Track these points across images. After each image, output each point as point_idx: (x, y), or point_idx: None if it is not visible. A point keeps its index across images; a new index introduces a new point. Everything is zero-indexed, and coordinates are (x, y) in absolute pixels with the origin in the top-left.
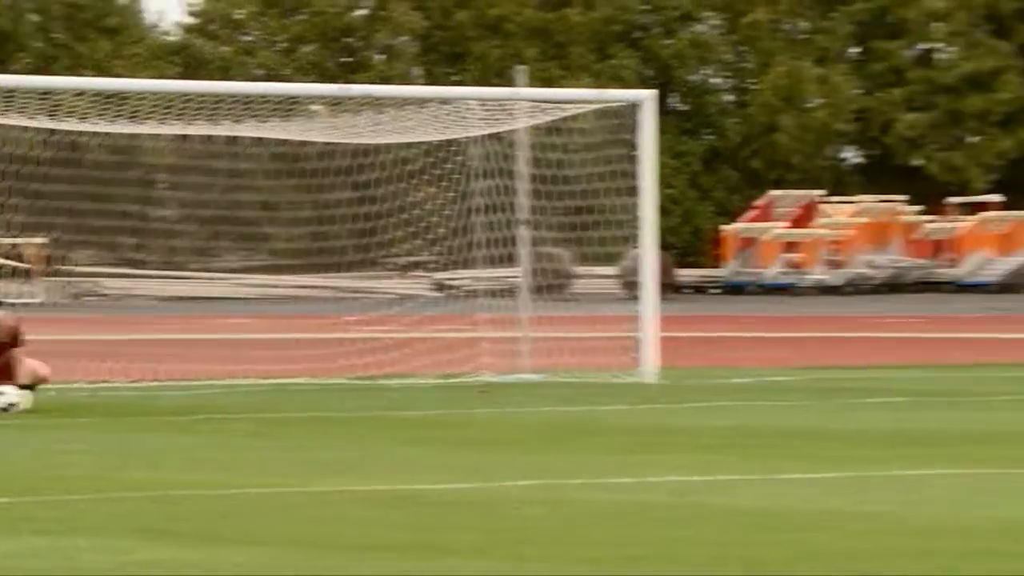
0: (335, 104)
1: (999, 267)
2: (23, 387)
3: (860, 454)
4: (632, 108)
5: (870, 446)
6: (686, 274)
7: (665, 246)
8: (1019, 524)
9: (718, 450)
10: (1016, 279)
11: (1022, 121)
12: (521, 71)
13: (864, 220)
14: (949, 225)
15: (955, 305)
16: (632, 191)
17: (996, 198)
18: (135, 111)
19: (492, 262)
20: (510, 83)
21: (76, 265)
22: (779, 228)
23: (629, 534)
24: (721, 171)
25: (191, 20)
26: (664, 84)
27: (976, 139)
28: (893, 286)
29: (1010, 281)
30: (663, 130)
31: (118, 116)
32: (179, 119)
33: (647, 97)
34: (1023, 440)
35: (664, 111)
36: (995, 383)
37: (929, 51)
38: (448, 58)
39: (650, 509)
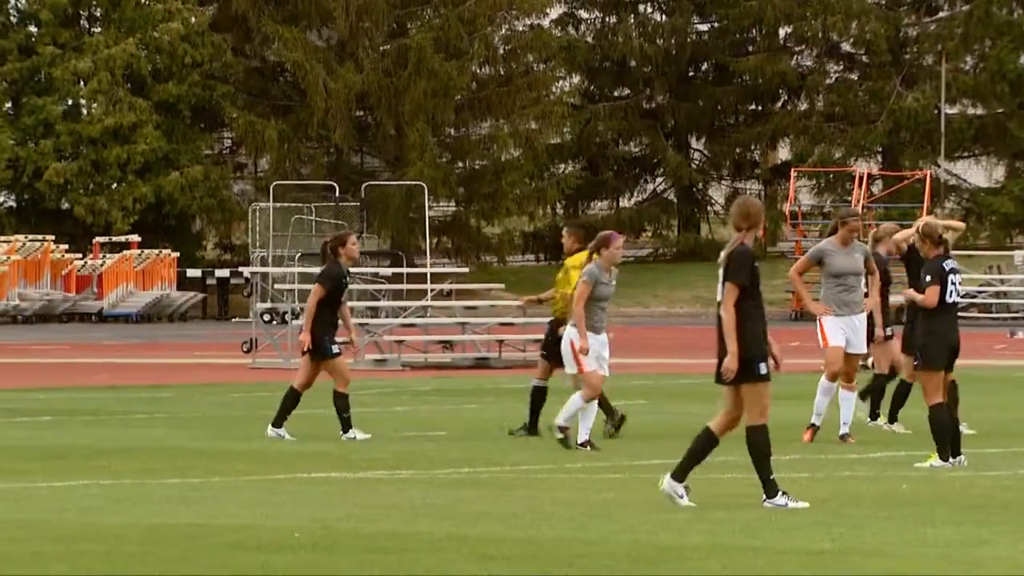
0: None
1: (140, 299)
2: None
3: (13, 467)
4: None
5: (22, 460)
6: None
7: None
8: (155, 530)
9: None
10: (153, 310)
11: (158, 170)
12: None
13: (18, 257)
14: (96, 262)
15: (100, 333)
16: None
17: (136, 238)
18: None
19: None
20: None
21: None
22: None
23: None
24: None
25: None
26: None
27: (118, 185)
28: (44, 316)
29: (148, 312)
30: None
31: None
32: None
33: None
34: (156, 453)
35: None
36: (133, 403)
37: (77, 106)
38: None
39: None
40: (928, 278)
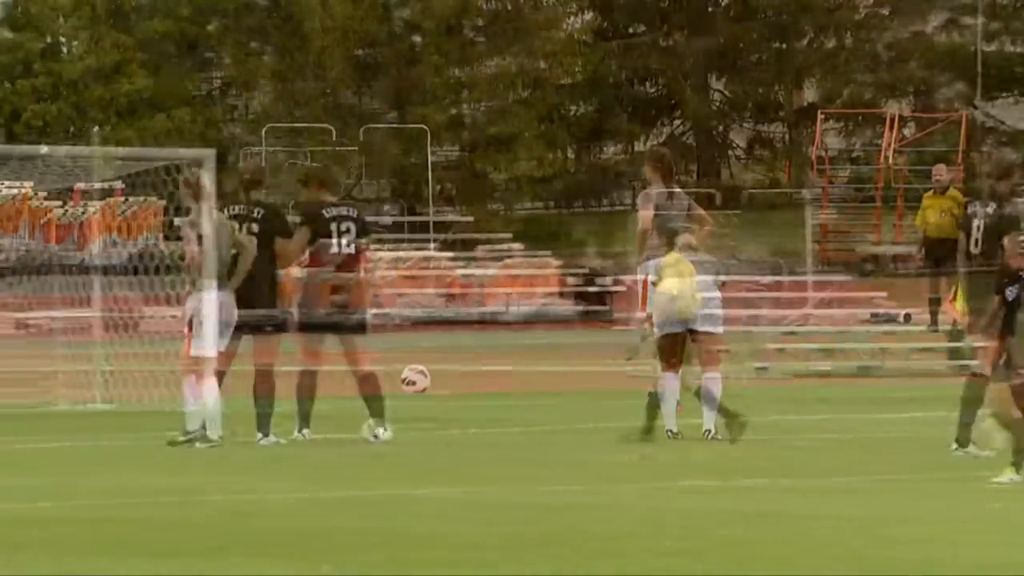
0: None
1: (126, 249)
2: None
3: None
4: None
5: None
6: None
7: None
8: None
9: None
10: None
11: (143, 112)
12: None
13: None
14: (77, 210)
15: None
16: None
17: (120, 185)
18: None
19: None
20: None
21: None
22: None
23: None
24: None
25: None
26: None
27: (100, 128)
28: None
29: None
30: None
31: None
32: None
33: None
34: None
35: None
36: None
37: (56, 44)
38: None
39: None
40: None
